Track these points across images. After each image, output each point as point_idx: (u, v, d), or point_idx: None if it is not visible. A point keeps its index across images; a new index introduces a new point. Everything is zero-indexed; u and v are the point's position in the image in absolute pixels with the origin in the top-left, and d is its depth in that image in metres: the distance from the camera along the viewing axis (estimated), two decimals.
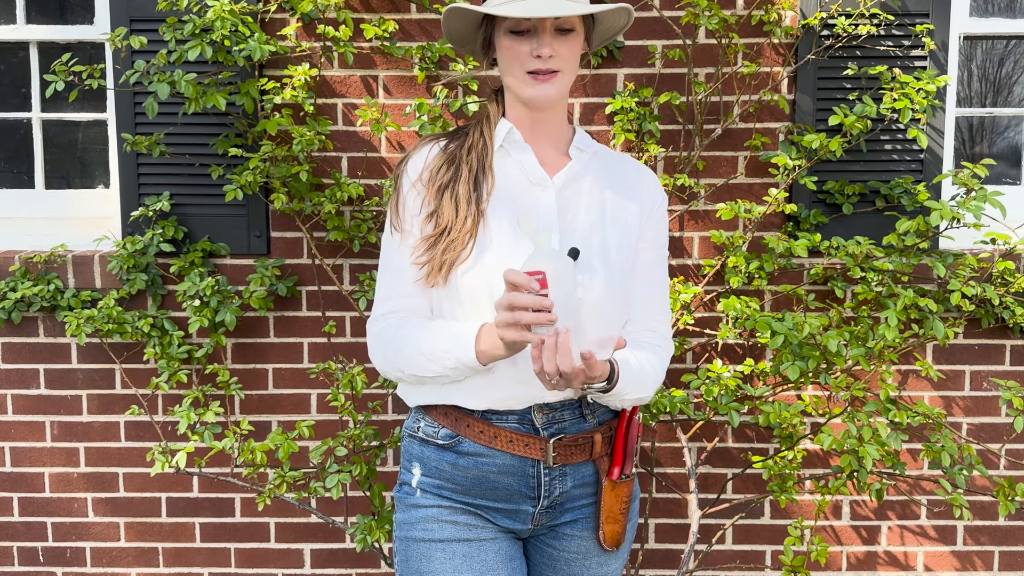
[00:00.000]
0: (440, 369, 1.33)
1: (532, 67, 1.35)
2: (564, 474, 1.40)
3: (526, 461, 1.38)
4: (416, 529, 1.40)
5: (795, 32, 2.28)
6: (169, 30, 2.07)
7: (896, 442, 1.86)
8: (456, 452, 1.38)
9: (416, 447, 1.44)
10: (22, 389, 2.45)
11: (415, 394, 1.44)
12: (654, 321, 1.45)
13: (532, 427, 1.38)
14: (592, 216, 1.41)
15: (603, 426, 1.42)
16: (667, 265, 1.50)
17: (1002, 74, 2.52)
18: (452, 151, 1.42)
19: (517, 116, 1.43)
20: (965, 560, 2.45)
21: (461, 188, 1.36)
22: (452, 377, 1.34)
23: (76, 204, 2.52)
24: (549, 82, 1.35)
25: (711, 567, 2.46)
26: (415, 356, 1.35)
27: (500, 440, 1.37)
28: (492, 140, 1.42)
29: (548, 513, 1.41)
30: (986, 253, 2.26)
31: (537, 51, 1.33)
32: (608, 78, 2.34)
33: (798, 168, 2.21)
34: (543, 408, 1.38)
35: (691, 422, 2.34)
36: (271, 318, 2.42)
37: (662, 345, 1.45)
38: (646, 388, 1.38)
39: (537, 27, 1.34)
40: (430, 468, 1.41)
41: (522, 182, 1.41)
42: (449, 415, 1.40)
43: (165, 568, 2.49)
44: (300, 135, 2.18)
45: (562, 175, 1.42)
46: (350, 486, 2.39)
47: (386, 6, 2.32)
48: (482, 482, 1.38)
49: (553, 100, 1.38)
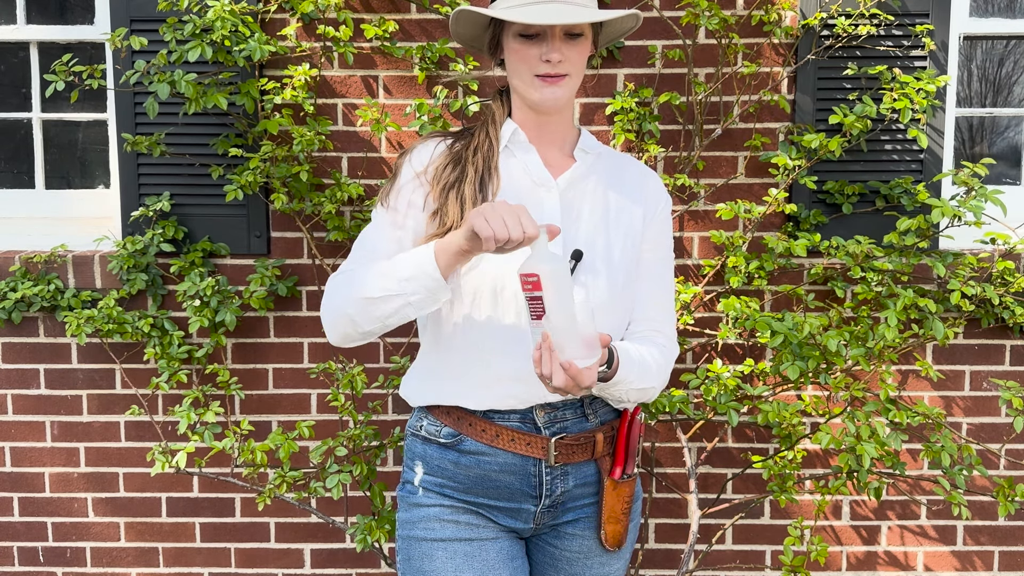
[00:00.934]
0: (395, 284, 1.27)
1: (541, 71, 1.35)
2: (566, 473, 1.40)
3: (528, 460, 1.38)
4: (418, 528, 1.40)
5: (795, 32, 2.28)
6: (169, 30, 2.07)
7: (896, 442, 1.86)
8: (458, 451, 1.39)
9: (419, 446, 1.44)
10: (22, 389, 2.45)
11: (418, 394, 1.45)
12: (658, 321, 1.45)
13: (534, 426, 1.38)
14: (596, 218, 1.41)
15: (605, 426, 1.42)
16: (672, 267, 1.50)
17: (1002, 74, 2.52)
18: (457, 151, 1.42)
19: (523, 117, 1.43)
20: (965, 560, 2.45)
21: (467, 189, 1.36)
22: (407, 296, 1.27)
23: (76, 204, 2.52)
24: (557, 85, 1.36)
25: (711, 567, 2.46)
26: (367, 279, 1.30)
27: (502, 439, 1.37)
28: (498, 141, 1.42)
29: (550, 512, 1.41)
30: (986, 253, 2.26)
31: (547, 56, 1.33)
32: (608, 78, 2.34)
33: (798, 168, 2.21)
34: (545, 407, 1.38)
35: (691, 422, 2.34)
36: (271, 318, 2.42)
37: (666, 344, 1.45)
38: (648, 379, 1.36)
39: (547, 31, 1.34)
40: (432, 467, 1.41)
41: (526, 183, 1.41)
42: (451, 414, 1.40)
43: (165, 568, 2.50)
44: (300, 135, 2.18)
45: (566, 177, 1.42)
46: (350, 486, 2.39)
47: (386, 6, 2.32)
48: (484, 481, 1.38)
49: (561, 103, 1.38)
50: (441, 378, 1.42)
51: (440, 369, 1.42)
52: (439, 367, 1.42)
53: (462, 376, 1.39)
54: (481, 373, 1.37)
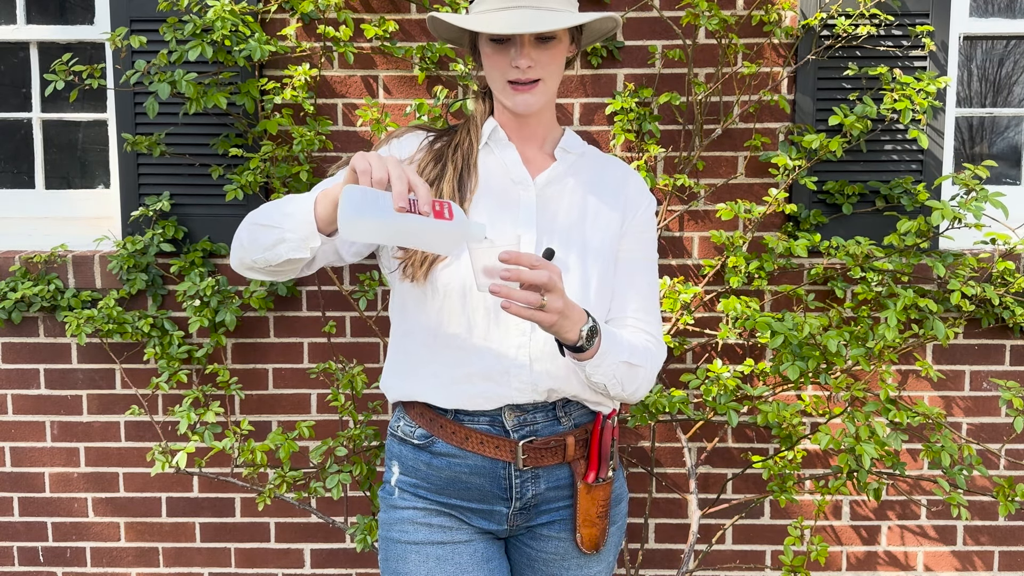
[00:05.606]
0: (278, 216, 1.25)
1: (512, 76, 1.35)
2: (537, 476, 1.39)
3: (497, 463, 1.37)
4: (394, 530, 1.41)
5: (795, 32, 2.28)
6: (169, 30, 2.07)
7: (896, 442, 1.86)
8: (430, 452, 1.39)
9: (396, 446, 1.45)
10: (22, 389, 2.45)
11: (393, 390, 1.45)
12: (643, 322, 1.43)
13: (503, 429, 1.37)
14: (572, 217, 1.41)
15: (578, 429, 1.41)
16: (656, 270, 1.48)
17: (1002, 74, 2.52)
18: (439, 149, 1.43)
19: (504, 117, 1.45)
20: (965, 560, 2.45)
21: (446, 186, 1.37)
22: (283, 232, 1.23)
23: (76, 204, 2.52)
24: (529, 92, 1.36)
25: (711, 567, 2.46)
26: (266, 206, 1.29)
27: (471, 441, 1.37)
28: (478, 139, 1.43)
29: (523, 514, 1.41)
30: (986, 253, 2.26)
31: (515, 62, 1.33)
32: (608, 78, 2.34)
33: (798, 168, 2.21)
34: (514, 409, 1.37)
35: (691, 422, 2.34)
36: (271, 318, 2.42)
37: (653, 344, 1.42)
38: (636, 356, 1.34)
39: (516, 37, 1.33)
40: (407, 467, 1.42)
41: (504, 181, 1.41)
42: (425, 415, 1.40)
43: (165, 568, 2.50)
44: (300, 135, 2.18)
45: (544, 176, 1.42)
46: (350, 486, 2.39)
47: (386, 6, 2.32)
48: (455, 483, 1.39)
49: (534, 108, 1.38)
50: (412, 373, 1.41)
51: (410, 362, 1.41)
52: (409, 360, 1.42)
53: (431, 373, 1.38)
54: (450, 370, 1.36)
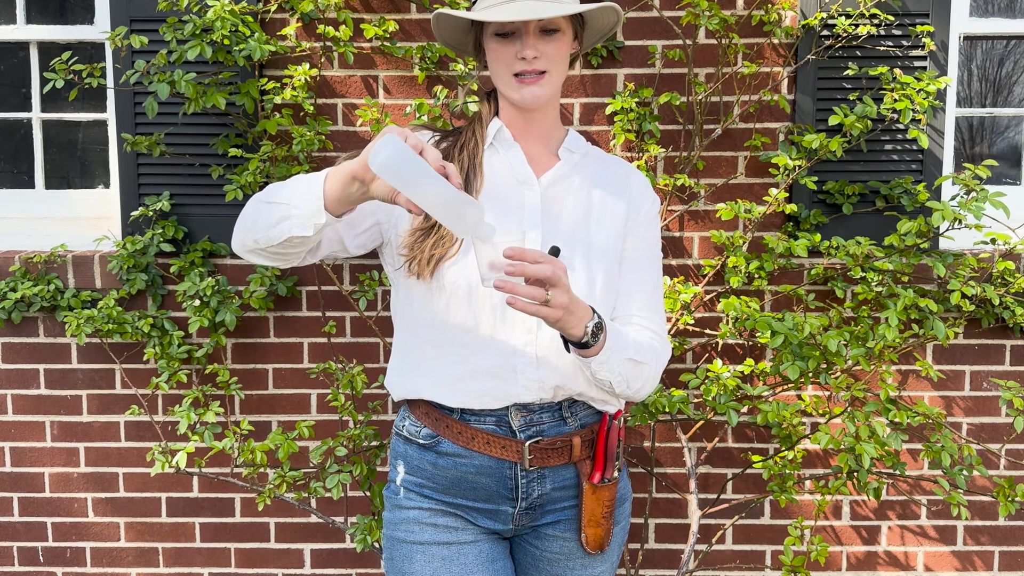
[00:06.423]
0: (286, 193, 1.25)
1: (517, 69, 1.36)
2: (543, 476, 1.39)
3: (503, 463, 1.37)
4: (399, 530, 1.41)
5: (795, 32, 2.28)
6: (169, 30, 2.07)
7: (896, 442, 1.85)
8: (436, 452, 1.39)
9: (401, 445, 1.45)
10: (22, 389, 2.45)
11: (398, 387, 1.44)
12: (648, 320, 1.43)
13: (509, 429, 1.37)
14: (577, 216, 1.41)
15: (584, 429, 1.41)
16: (660, 269, 1.49)
17: (1002, 74, 2.52)
18: (444, 149, 1.43)
19: (509, 117, 1.45)
20: (965, 560, 2.45)
21: None
22: (290, 208, 1.23)
23: (76, 204, 2.52)
24: (536, 84, 1.36)
25: (711, 567, 2.46)
26: (273, 186, 1.29)
27: (477, 441, 1.37)
28: (483, 139, 1.43)
29: (528, 514, 1.41)
30: (986, 253, 2.26)
31: (521, 53, 1.34)
32: (608, 78, 2.34)
33: (798, 168, 2.21)
34: (521, 409, 1.38)
35: (691, 422, 2.34)
36: (271, 318, 2.42)
37: (658, 342, 1.43)
38: (642, 353, 1.34)
39: (521, 29, 1.34)
40: (412, 467, 1.42)
41: (509, 180, 1.42)
42: (430, 415, 1.40)
43: (165, 568, 2.49)
44: (300, 135, 2.18)
45: (549, 175, 1.43)
46: (350, 486, 2.39)
47: (386, 6, 2.32)
48: (461, 482, 1.39)
49: (541, 101, 1.38)
50: (417, 370, 1.41)
51: (415, 360, 1.41)
52: (414, 357, 1.42)
53: (437, 370, 1.38)
54: (456, 368, 1.36)
